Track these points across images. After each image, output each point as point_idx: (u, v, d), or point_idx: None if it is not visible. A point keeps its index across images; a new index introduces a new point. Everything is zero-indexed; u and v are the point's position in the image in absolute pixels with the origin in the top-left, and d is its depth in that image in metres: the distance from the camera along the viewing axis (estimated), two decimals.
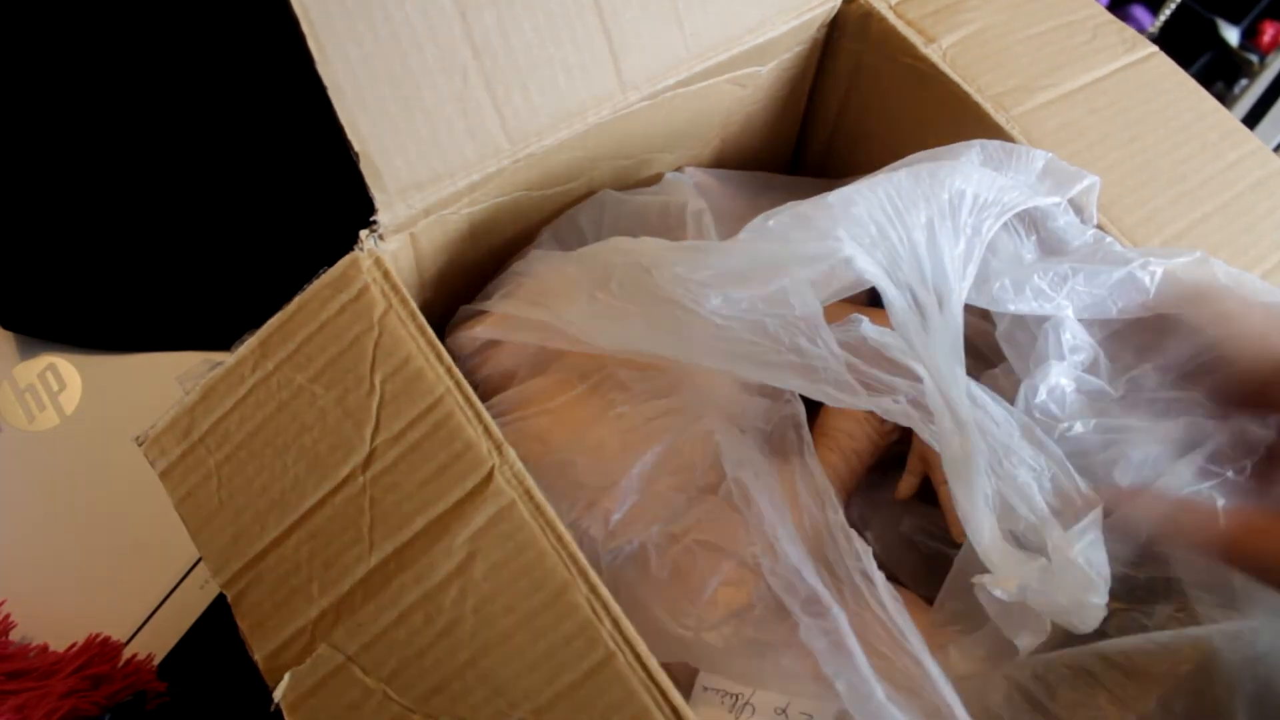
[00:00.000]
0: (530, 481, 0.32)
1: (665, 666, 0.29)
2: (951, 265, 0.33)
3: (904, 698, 0.26)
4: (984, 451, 0.30)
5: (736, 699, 0.30)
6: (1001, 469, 0.30)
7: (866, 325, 0.33)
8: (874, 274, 0.33)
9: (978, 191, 0.34)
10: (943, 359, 0.31)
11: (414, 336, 0.34)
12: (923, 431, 0.31)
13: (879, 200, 0.33)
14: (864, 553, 0.31)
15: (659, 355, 0.34)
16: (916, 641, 0.27)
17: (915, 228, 0.33)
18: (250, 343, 0.35)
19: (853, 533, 0.32)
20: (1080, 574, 0.28)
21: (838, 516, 0.33)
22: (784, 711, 0.29)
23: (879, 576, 0.30)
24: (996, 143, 0.38)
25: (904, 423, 0.32)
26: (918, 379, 0.31)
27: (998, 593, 0.29)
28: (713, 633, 0.32)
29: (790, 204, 0.35)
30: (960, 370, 0.32)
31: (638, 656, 0.29)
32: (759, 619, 0.31)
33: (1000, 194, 0.35)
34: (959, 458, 0.30)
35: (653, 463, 0.34)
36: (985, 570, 0.33)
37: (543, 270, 0.39)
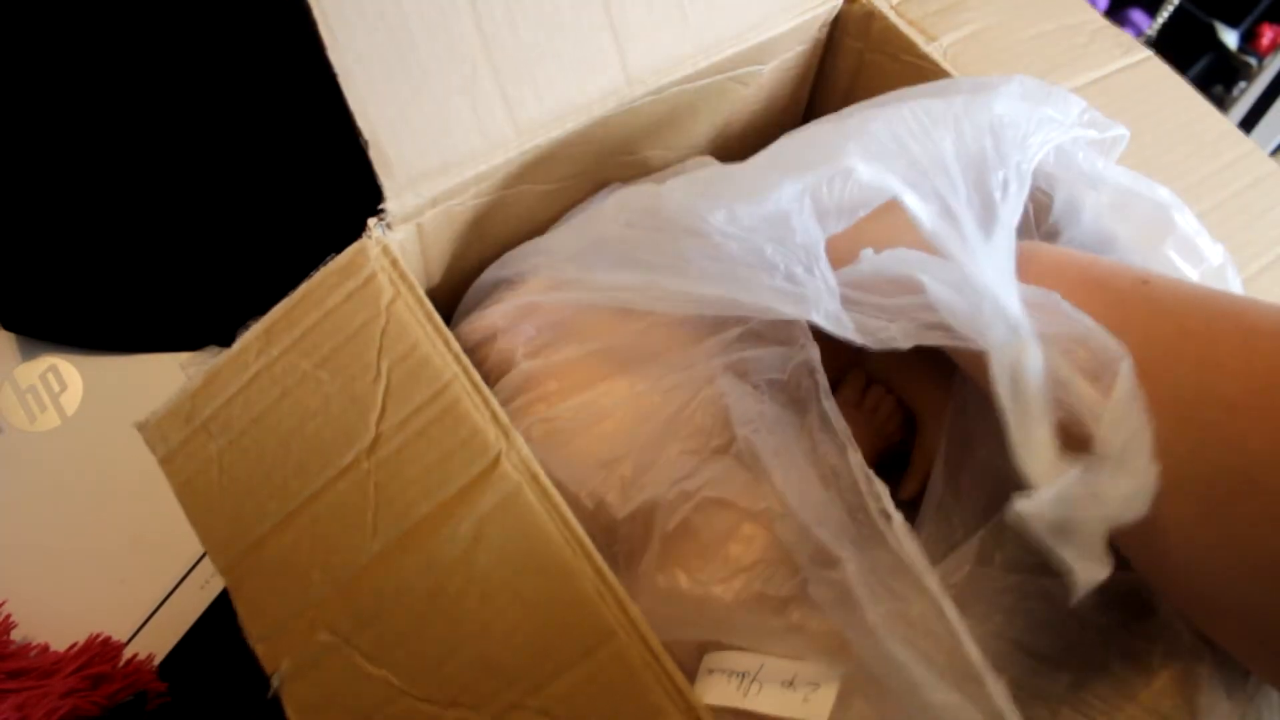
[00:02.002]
0: (537, 466, 0.31)
1: (670, 650, 0.29)
2: (997, 187, 0.30)
3: (918, 641, 0.26)
4: (1039, 359, 0.27)
5: (744, 676, 0.29)
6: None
7: (868, 251, 0.31)
8: (886, 182, 0.30)
9: (1019, 119, 0.32)
10: (992, 268, 0.28)
11: (422, 323, 0.34)
12: (953, 341, 0.28)
13: (902, 117, 0.31)
14: (883, 491, 0.30)
15: (658, 287, 0.33)
16: (934, 582, 0.27)
17: (944, 142, 0.30)
18: (255, 329, 0.35)
19: (871, 473, 0.31)
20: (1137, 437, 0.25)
21: (856, 457, 0.32)
22: (791, 683, 0.28)
23: (898, 515, 0.29)
24: (1035, 81, 0.36)
25: (916, 342, 0.29)
26: (927, 304, 0.28)
27: (1041, 506, 0.25)
28: (722, 586, 0.31)
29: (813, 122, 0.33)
30: (1012, 283, 0.28)
31: (643, 640, 0.29)
32: (768, 575, 0.31)
33: (1042, 125, 0.33)
34: (1016, 365, 0.26)
35: (664, 430, 0.34)
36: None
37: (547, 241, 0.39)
